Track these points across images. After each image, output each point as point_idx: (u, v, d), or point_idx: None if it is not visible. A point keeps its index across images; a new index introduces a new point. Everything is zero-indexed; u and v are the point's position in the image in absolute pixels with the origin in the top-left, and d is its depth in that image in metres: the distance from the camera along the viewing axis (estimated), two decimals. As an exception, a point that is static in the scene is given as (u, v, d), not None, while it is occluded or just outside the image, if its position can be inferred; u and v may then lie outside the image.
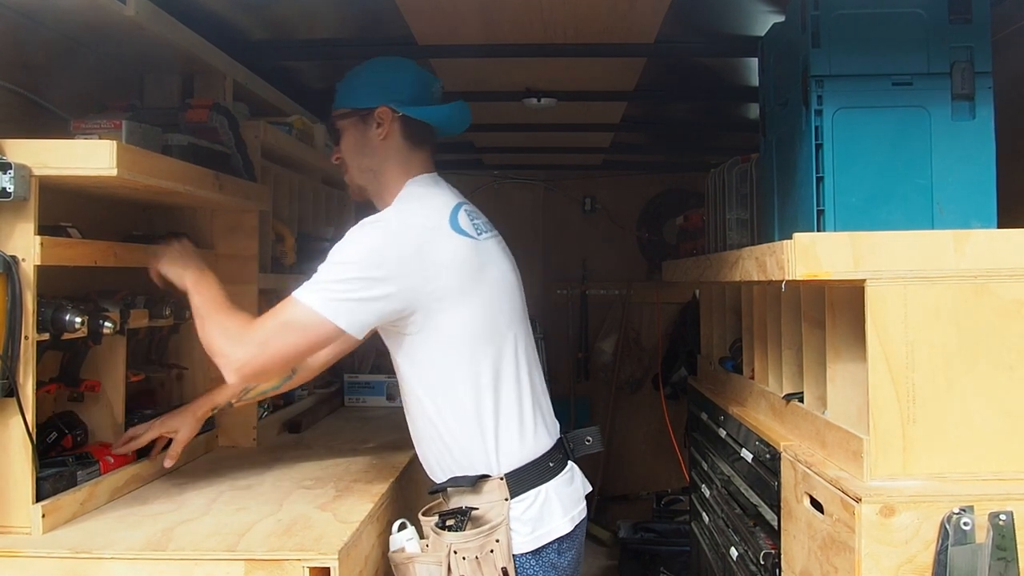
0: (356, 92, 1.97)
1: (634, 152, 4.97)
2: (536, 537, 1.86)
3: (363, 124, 1.95)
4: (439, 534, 1.83)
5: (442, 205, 1.90)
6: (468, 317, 1.84)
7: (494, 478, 1.86)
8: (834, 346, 1.91)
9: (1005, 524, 1.53)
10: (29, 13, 1.98)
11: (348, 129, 1.97)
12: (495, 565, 1.81)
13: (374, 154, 1.96)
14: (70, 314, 1.78)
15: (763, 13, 2.42)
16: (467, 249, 1.85)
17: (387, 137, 1.94)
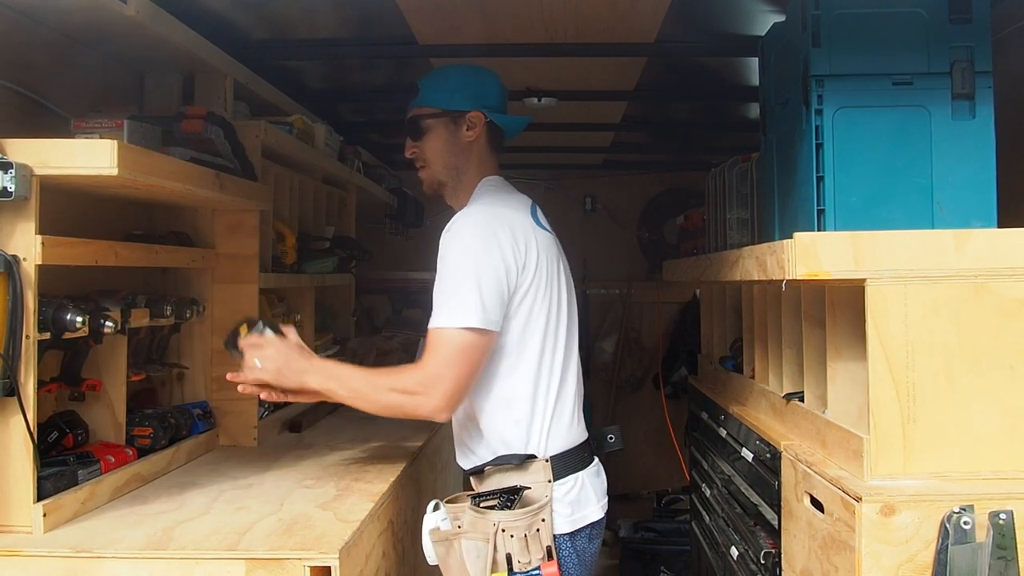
0: (449, 94, 2.08)
1: (634, 152, 4.97)
2: (575, 520, 1.96)
3: (454, 125, 2.07)
4: (483, 513, 1.86)
5: (521, 202, 2.06)
6: (549, 304, 1.97)
7: (540, 459, 1.95)
8: (834, 345, 1.91)
9: (1005, 523, 1.53)
10: (30, 12, 1.98)
11: (436, 127, 2.08)
12: (541, 543, 1.87)
13: (461, 153, 2.08)
14: (71, 313, 1.78)
15: (763, 13, 2.42)
16: (549, 242, 2.03)
17: (475, 139, 2.08)
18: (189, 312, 2.39)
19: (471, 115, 2.06)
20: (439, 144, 2.08)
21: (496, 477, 1.96)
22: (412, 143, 2.11)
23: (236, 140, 2.42)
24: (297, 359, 1.95)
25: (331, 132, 3.37)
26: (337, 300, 3.89)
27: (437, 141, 2.08)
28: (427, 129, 2.08)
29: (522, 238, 1.93)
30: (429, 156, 2.09)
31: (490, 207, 1.98)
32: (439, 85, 2.10)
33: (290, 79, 3.11)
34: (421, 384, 1.86)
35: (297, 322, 3.14)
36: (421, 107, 2.10)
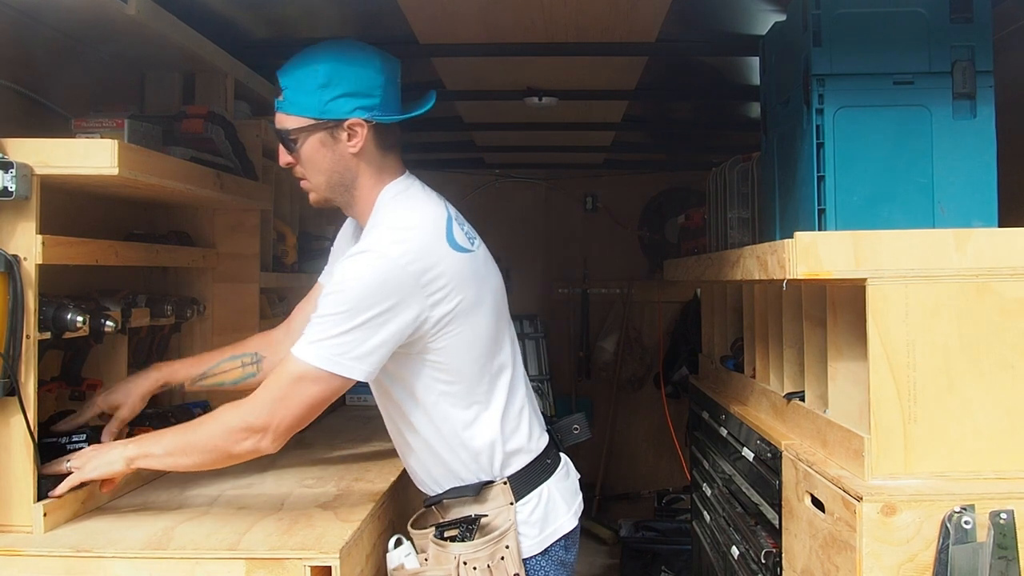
0: (319, 98, 1.73)
1: (635, 151, 4.97)
2: (543, 539, 1.85)
3: (331, 137, 1.75)
4: (443, 546, 1.78)
5: (434, 221, 1.77)
6: (480, 330, 1.78)
7: (497, 483, 1.83)
8: (835, 345, 1.91)
9: (1006, 523, 1.53)
10: (30, 12, 1.98)
11: (310, 142, 1.76)
12: (507, 571, 1.78)
13: (346, 167, 1.78)
14: (71, 313, 1.78)
15: (764, 12, 2.42)
16: (469, 265, 1.77)
17: (360, 149, 1.76)
18: (189, 312, 2.39)
19: (349, 123, 1.74)
20: (316, 160, 1.77)
21: (456, 508, 1.85)
22: (287, 153, 1.80)
23: (237, 139, 2.42)
24: (105, 448, 1.81)
25: (332, 131, 3.36)
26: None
27: (311, 155, 1.76)
28: (297, 141, 1.76)
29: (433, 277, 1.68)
30: (308, 172, 1.79)
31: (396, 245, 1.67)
32: (305, 85, 1.74)
33: (291, 78, 3.11)
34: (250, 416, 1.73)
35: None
36: (287, 114, 1.77)
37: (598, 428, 5.34)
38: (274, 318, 2.94)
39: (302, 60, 1.75)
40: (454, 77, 3.11)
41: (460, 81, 3.15)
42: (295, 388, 1.68)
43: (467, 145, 4.53)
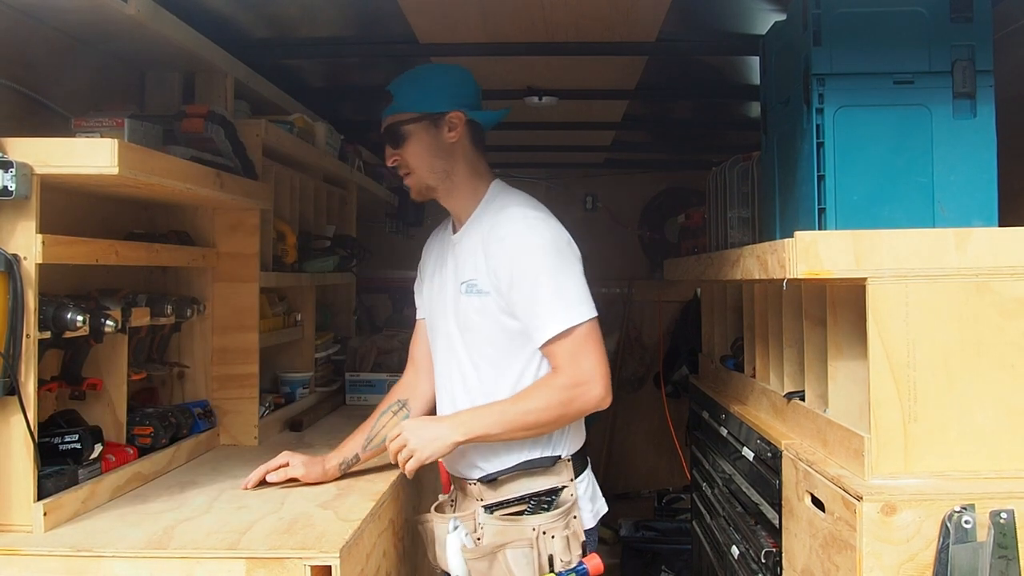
0: (426, 96, 2.04)
1: (635, 150, 4.96)
2: (594, 514, 2.08)
3: (434, 127, 2.02)
4: (516, 520, 1.91)
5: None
6: None
7: (563, 459, 2.02)
8: (835, 344, 1.91)
9: (1006, 522, 1.53)
10: (30, 11, 1.98)
11: (417, 132, 2.02)
12: (578, 539, 1.96)
13: (447, 156, 2.04)
14: (71, 312, 1.78)
15: (764, 11, 2.42)
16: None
17: (458, 139, 2.04)
18: (190, 311, 2.39)
19: (451, 115, 2.03)
20: (422, 149, 2.03)
21: (518, 483, 2.00)
22: (392, 151, 2.06)
23: (237, 139, 2.42)
24: (432, 424, 2.01)
25: (332, 131, 3.37)
26: (338, 299, 3.89)
27: (419, 146, 2.03)
28: (407, 135, 2.03)
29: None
30: (412, 162, 2.04)
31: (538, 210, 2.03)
32: (414, 88, 2.06)
33: (291, 78, 3.11)
34: (578, 379, 1.93)
35: (298, 321, 3.15)
36: (397, 113, 2.05)
37: (598, 427, 5.33)
38: (274, 317, 2.94)
39: (410, 74, 2.10)
40: (454, 77, 3.11)
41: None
42: (583, 344, 1.93)
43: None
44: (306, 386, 3.15)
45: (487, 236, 1.99)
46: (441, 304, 2.11)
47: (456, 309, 2.05)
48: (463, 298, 2.02)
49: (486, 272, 1.97)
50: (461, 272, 2.04)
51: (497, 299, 1.97)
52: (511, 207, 2.01)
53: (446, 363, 2.10)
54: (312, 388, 3.21)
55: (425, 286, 2.24)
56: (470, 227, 2.06)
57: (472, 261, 2.01)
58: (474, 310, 2.00)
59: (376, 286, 4.62)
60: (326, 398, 3.30)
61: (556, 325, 1.91)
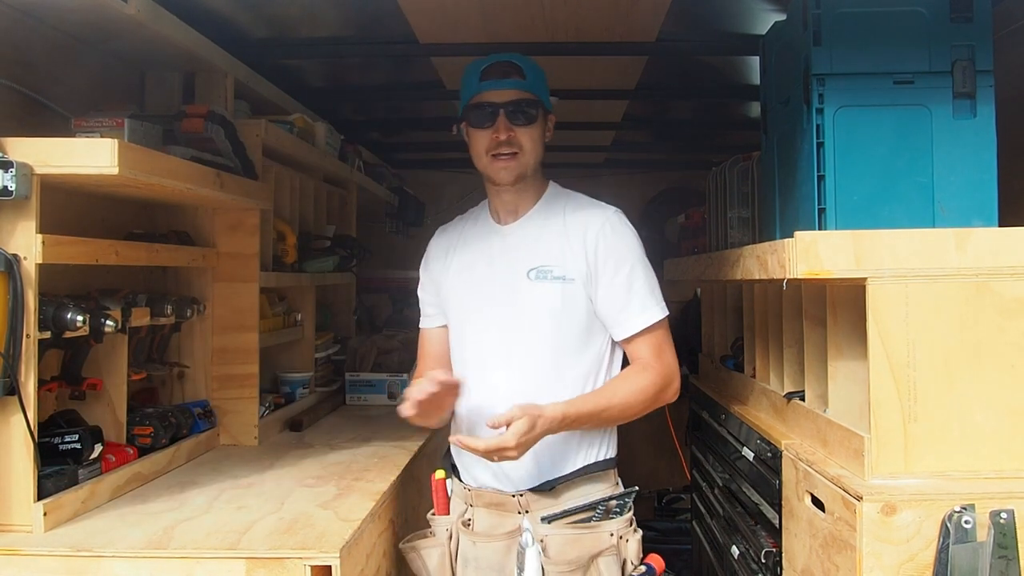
0: (545, 90, 2.04)
1: (635, 150, 4.97)
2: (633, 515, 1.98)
3: (546, 122, 2.02)
4: (592, 528, 1.86)
5: None
6: None
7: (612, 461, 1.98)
8: (835, 344, 1.91)
9: (1006, 522, 1.53)
10: (30, 11, 1.98)
11: (540, 119, 2.00)
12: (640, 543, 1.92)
13: (543, 151, 2.03)
14: (71, 312, 1.78)
15: (764, 11, 2.42)
16: None
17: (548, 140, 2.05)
18: (190, 311, 2.39)
19: (551, 117, 2.05)
20: (537, 136, 1.99)
21: (578, 488, 1.92)
22: (512, 125, 1.95)
23: (237, 139, 2.42)
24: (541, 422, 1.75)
25: (332, 131, 3.37)
26: (338, 299, 3.89)
27: (538, 131, 1.99)
28: (535, 117, 1.98)
29: None
30: (528, 145, 1.97)
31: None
32: (539, 78, 2.02)
33: (291, 78, 3.11)
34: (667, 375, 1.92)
35: (298, 321, 3.15)
36: (531, 93, 1.97)
37: (598, 428, 5.31)
38: (274, 317, 2.94)
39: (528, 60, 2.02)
40: (454, 77, 3.10)
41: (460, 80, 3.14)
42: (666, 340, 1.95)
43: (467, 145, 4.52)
44: (306, 386, 3.15)
45: (571, 224, 1.96)
46: (488, 294, 1.99)
47: (517, 297, 1.95)
48: (533, 285, 1.94)
49: (572, 258, 1.93)
50: (526, 259, 1.96)
51: (584, 285, 1.92)
52: (588, 200, 2.03)
53: (495, 353, 1.96)
54: (312, 388, 3.22)
55: (453, 280, 2.08)
56: (532, 218, 2.02)
57: (544, 248, 1.96)
58: (548, 297, 1.93)
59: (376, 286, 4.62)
60: (326, 398, 3.30)
61: (647, 316, 1.91)
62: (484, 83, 1.95)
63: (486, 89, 1.95)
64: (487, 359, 1.98)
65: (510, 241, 2.01)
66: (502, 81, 1.95)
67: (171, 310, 2.25)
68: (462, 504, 2.00)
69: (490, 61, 1.98)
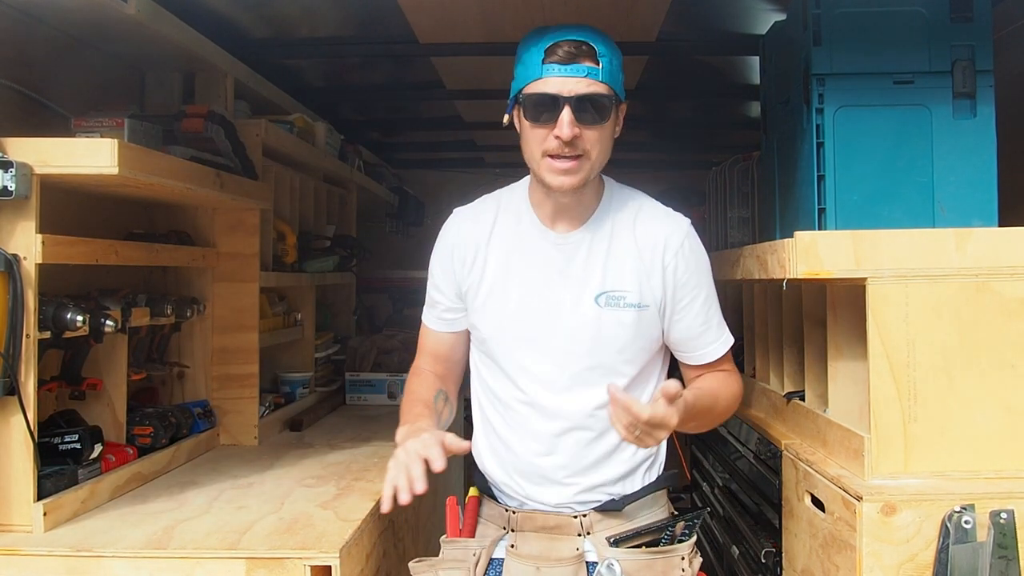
0: (621, 79, 1.65)
1: (635, 150, 4.96)
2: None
3: (617, 115, 1.66)
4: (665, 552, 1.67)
5: None
6: None
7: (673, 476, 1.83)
8: (835, 344, 1.91)
9: (1006, 522, 1.53)
10: (30, 11, 1.98)
11: (613, 115, 1.63)
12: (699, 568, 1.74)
13: (611, 149, 1.69)
14: (71, 312, 1.78)
15: (764, 11, 2.42)
16: None
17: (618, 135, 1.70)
18: (190, 311, 2.39)
19: (623, 107, 1.67)
20: (608, 136, 1.64)
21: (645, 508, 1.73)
22: (580, 125, 1.57)
23: (237, 139, 2.42)
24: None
25: (332, 131, 3.37)
26: (338, 299, 3.89)
27: (608, 132, 1.63)
28: (610, 114, 1.61)
29: None
30: (598, 147, 1.62)
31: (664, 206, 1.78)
32: (615, 59, 1.63)
33: (291, 78, 3.11)
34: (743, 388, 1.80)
35: (298, 321, 3.15)
36: (602, 82, 1.58)
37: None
38: (274, 317, 2.94)
39: (603, 36, 1.64)
40: (454, 77, 3.11)
41: (460, 81, 3.14)
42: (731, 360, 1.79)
43: (467, 145, 4.52)
44: (306, 386, 3.15)
45: (644, 239, 1.69)
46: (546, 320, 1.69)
47: (583, 326, 1.67)
48: (603, 312, 1.66)
49: (647, 281, 1.67)
50: (593, 280, 1.68)
51: (657, 313, 1.69)
52: (656, 207, 1.76)
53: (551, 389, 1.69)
54: (312, 388, 3.22)
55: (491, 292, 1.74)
56: (594, 227, 1.71)
57: (615, 268, 1.68)
58: (622, 327, 1.66)
59: (376, 286, 4.62)
60: (326, 398, 3.30)
61: (723, 342, 1.74)
62: (548, 65, 1.58)
63: (549, 74, 1.58)
64: (539, 395, 1.70)
65: (571, 255, 1.70)
66: (571, 65, 1.57)
67: (171, 310, 2.25)
68: (495, 529, 1.76)
69: (556, 37, 1.60)
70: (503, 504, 1.77)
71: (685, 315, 1.70)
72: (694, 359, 1.75)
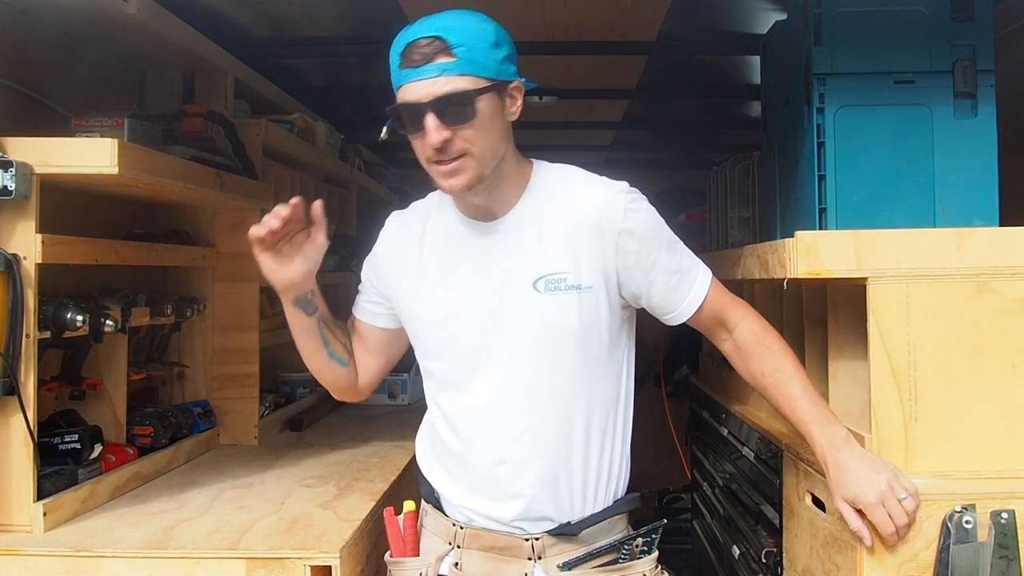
0: (491, 56, 1.52)
1: (636, 150, 4.97)
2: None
3: (499, 100, 1.53)
4: (623, 570, 1.62)
5: None
6: None
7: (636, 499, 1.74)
8: (836, 344, 1.90)
9: (1007, 522, 1.53)
10: (30, 10, 1.98)
11: (486, 106, 1.50)
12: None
13: (505, 136, 1.57)
14: (71, 312, 1.78)
15: (764, 11, 2.42)
16: None
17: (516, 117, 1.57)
18: (190, 311, 2.39)
19: (514, 86, 1.55)
20: (488, 127, 1.51)
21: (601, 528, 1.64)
22: (445, 127, 1.48)
23: (237, 138, 2.42)
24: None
25: (332, 130, 3.37)
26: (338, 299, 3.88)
27: (486, 124, 1.50)
28: (476, 110, 1.48)
29: None
30: (476, 145, 1.50)
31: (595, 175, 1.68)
32: (478, 41, 1.50)
33: (291, 77, 3.11)
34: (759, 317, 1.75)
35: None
36: (462, 76, 1.47)
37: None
38: (274, 317, 2.94)
39: (465, 17, 1.53)
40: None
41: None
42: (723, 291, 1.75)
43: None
44: (306, 386, 3.15)
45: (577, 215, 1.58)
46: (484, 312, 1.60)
47: (524, 315, 1.58)
48: (542, 298, 1.56)
49: (587, 260, 1.57)
50: (529, 265, 1.58)
51: (607, 290, 1.59)
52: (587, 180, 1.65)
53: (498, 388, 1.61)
54: (312, 388, 3.21)
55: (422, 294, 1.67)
56: (520, 215, 1.61)
57: (551, 249, 1.57)
58: (565, 312, 1.57)
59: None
60: (326, 398, 3.29)
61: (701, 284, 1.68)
62: (404, 71, 1.49)
63: (407, 81, 1.48)
64: (490, 397, 1.61)
65: (502, 241, 1.61)
66: (423, 67, 1.47)
67: (171, 310, 2.25)
68: (441, 544, 1.68)
69: (408, 38, 1.49)
70: (450, 517, 1.68)
71: (655, 276, 1.63)
72: (679, 316, 1.67)
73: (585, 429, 1.61)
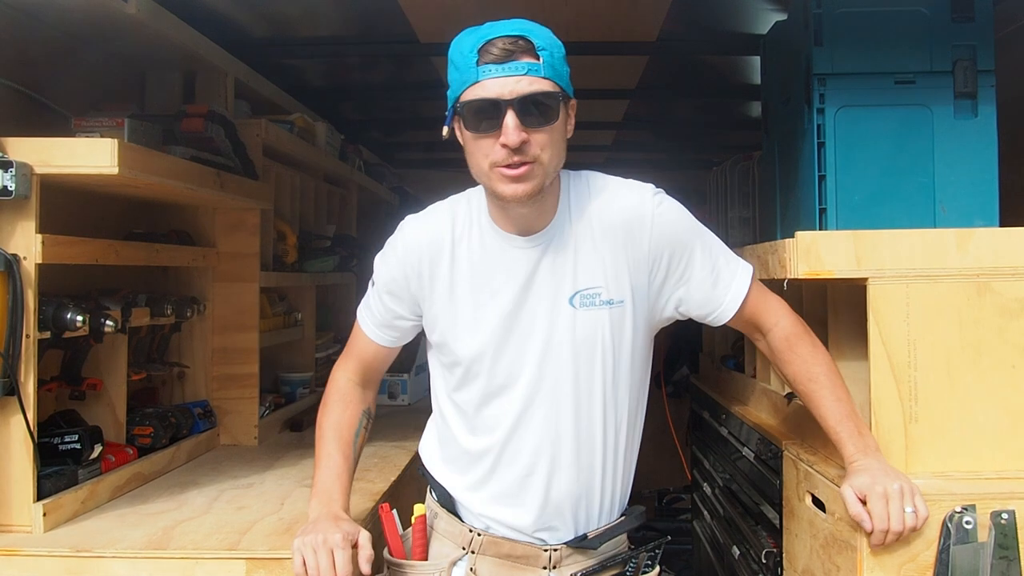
0: (567, 73, 1.50)
1: (637, 150, 4.97)
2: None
3: (567, 114, 1.51)
4: None
5: None
6: None
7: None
8: (836, 344, 1.90)
9: (1007, 523, 1.53)
10: (30, 10, 1.98)
11: (562, 113, 1.48)
12: None
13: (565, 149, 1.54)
14: (71, 312, 1.78)
15: (765, 11, 2.42)
16: None
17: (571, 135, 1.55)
18: (190, 311, 2.39)
19: (573, 103, 1.53)
20: (559, 137, 1.48)
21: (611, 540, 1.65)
22: (524, 128, 1.43)
23: (237, 139, 2.42)
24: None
25: (332, 130, 3.37)
26: (338, 299, 3.89)
27: (558, 132, 1.48)
28: (558, 114, 1.46)
29: None
30: (546, 151, 1.46)
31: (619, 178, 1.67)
32: (557, 52, 1.48)
33: (291, 77, 3.11)
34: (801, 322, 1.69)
35: (298, 321, 3.15)
36: (545, 78, 1.44)
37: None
38: (274, 317, 2.94)
39: (540, 27, 1.50)
40: (455, 76, 3.11)
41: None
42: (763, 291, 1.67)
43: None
44: (306, 386, 3.15)
45: (605, 228, 1.56)
46: (522, 329, 1.57)
47: (560, 332, 1.56)
48: (577, 313, 1.55)
49: (614, 275, 1.55)
50: (570, 282, 1.56)
51: (634, 304, 1.57)
52: (614, 188, 1.62)
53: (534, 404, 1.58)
54: (312, 388, 3.21)
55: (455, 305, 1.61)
56: (556, 230, 1.57)
57: (585, 265, 1.56)
58: (596, 326, 1.55)
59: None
60: (326, 398, 3.30)
61: (741, 280, 1.61)
62: (483, 67, 1.44)
63: (486, 76, 1.43)
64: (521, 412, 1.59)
65: (539, 256, 1.57)
66: (508, 64, 1.43)
67: (171, 310, 2.25)
68: (454, 549, 1.65)
69: (488, 34, 1.46)
70: (466, 523, 1.65)
71: (692, 274, 1.59)
72: (722, 316, 1.62)
73: (611, 443, 1.61)
